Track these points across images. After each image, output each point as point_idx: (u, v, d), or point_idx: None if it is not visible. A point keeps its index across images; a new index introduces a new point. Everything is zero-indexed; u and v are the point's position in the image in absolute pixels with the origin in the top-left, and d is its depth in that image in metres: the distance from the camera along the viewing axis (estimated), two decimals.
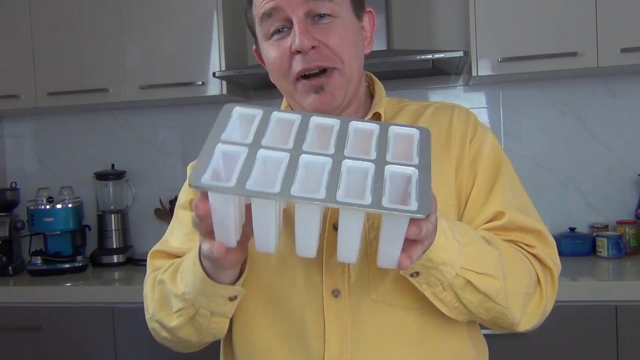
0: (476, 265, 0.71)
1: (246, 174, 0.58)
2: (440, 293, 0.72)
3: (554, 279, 0.83)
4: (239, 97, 2.26)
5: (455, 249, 0.69)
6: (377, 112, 0.88)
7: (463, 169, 0.85)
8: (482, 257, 0.72)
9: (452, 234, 0.69)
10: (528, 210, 0.85)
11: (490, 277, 0.72)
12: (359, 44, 0.85)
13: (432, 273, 0.70)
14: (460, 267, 0.70)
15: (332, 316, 0.79)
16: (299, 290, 0.81)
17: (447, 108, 0.91)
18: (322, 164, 0.60)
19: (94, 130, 2.53)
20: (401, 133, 0.65)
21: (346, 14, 0.82)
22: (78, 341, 1.92)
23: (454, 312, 0.75)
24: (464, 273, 0.71)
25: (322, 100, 0.82)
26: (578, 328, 1.64)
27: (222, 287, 0.73)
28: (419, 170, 0.60)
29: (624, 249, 1.96)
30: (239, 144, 0.62)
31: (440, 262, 0.68)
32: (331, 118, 0.67)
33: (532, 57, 1.89)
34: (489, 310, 0.75)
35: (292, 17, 0.79)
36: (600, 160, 2.17)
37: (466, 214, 0.85)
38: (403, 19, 2.26)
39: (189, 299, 0.75)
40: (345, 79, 0.82)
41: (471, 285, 0.72)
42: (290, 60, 0.81)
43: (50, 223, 2.23)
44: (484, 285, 0.72)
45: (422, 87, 2.28)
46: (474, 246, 0.72)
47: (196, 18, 2.11)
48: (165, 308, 0.81)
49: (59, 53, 2.20)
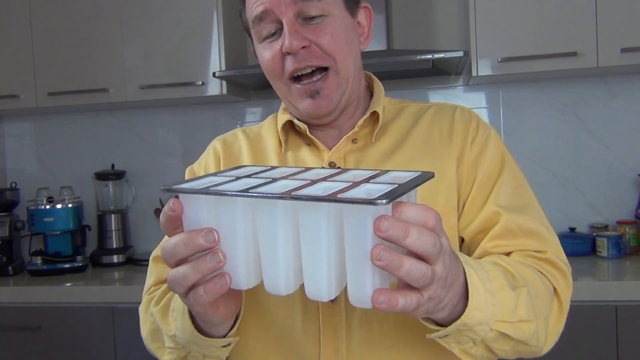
0: (510, 315, 0.64)
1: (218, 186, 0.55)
2: (471, 349, 0.66)
3: (568, 281, 0.80)
4: (239, 97, 2.26)
5: (489, 303, 0.61)
6: (374, 111, 0.86)
7: (463, 169, 0.83)
8: (514, 303, 0.65)
9: (483, 285, 0.61)
10: (527, 209, 0.82)
11: (524, 322, 0.66)
12: (353, 42, 0.84)
13: (464, 334, 0.63)
14: (494, 320, 0.63)
15: (327, 323, 0.78)
16: (294, 297, 0.79)
17: (449, 108, 0.90)
18: (298, 185, 0.54)
19: (94, 130, 2.54)
20: (399, 175, 0.57)
21: (337, 12, 0.81)
22: (78, 341, 1.92)
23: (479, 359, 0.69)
24: (498, 326, 0.63)
25: (317, 105, 0.81)
26: (578, 328, 1.64)
27: (214, 341, 0.70)
28: (399, 186, 0.51)
29: (624, 249, 1.96)
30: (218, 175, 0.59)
31: (475, 324, 0.61)
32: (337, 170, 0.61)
33: (532, 57, 1.89)
34: (519, 352, 0.70)
35: (282, 19, 0.79)
36: (600, 160, 2.17)
37: (464, 215, 0.83)
38: (403, 19, 2.26)
39: (180, 342, 0.73)
40: (341, 77, 0.81)
41: (505, 336, 0.65)
42: (282, 61, 0.81)
43: (50, 223, 2.23)
44: (519, 332, 0.66)
45: (422, 87, 2.28)
46: (505, 292, 0.65)
47: (196, 18, 2.11)
48: (158, 340, 0.79)
49: (59, 53, 2.20)
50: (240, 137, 0.95)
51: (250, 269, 0.56)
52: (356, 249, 0.49)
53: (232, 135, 0.96)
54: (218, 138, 0.97)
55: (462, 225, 0.83)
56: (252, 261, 0.56)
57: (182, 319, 0.70)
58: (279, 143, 0.90)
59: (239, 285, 0.56)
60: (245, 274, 0.56)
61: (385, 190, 0.49)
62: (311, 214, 0.50)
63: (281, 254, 0.53)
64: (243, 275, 0.56)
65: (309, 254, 0.52)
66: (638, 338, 1.63)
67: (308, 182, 0.54)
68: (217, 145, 0.94)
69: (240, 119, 2.42)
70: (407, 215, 0.49)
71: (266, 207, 0.53)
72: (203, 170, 0.94)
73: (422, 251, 0.49)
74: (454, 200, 0.82)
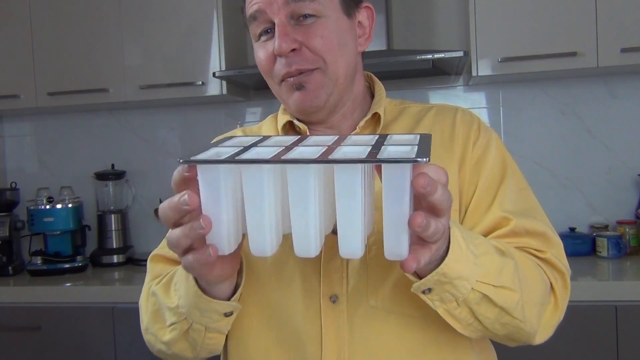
0: (493, 278, 0.67)
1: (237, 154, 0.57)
2: (455, 310, 0.68)
3: (566, 283, 0.80)
4: (238, 97, 2.27)
5: (470, 260, 0.64)
6: (376, 113, 0.86)
7: (465, 172, 0.83)
8: (499, 269, 0.68)
9: (466, 244, 0.64)
10: (533, 213, 0.83)
11: (507, 289, 0.68)
12: (347, 43, 0.83)
13: (446, 289, 0.65)
14: (476, 280, 0.65)
15: (329, 322, 0.77)
16: (295, 296, 0.79)
17: (450, 110, 0.89)
18: (316, 151, 0.57)
19: (94, 130, 2.54)
20: (401, 138, 0.63)
21: (332, 13, 0.81)
22: (78, 341, 1.92)
23: (467, 329, 0.71)
24: (480, 287, 0.66)
25: (303, 98, 0.81)
26: (578, 328, 1.64)
27: (216, 303, 0.71)
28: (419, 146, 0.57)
29: (624, 249, 1.96)
30: (234, 146, 0.61)
31: (455, 277, 0.64)
32: (330, 136, 0.65)
33: (532, 57, 1.89)
34: (505, 325, 0.71)
35: (274, 20, 0.79)
36: (600, 160, 2.17)
37: (468, 219, 0.82)
38: (403, 19, 2.26)
39: (182, 312, 0.73)
40: (328, 78, 0.81)
41: (488, 300, 0.67)
42: (274, 62, 0.82)
43: (50, 223, 2.23)
44: (502, 298, 0.68)
45: (422, 87, 2.28)
46: (490, 257, 0.68)
47: (196, 18, 2.11)
48: (159, 321, 0.79)
49: (59, 53, 2.20)
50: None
51: (231, 234, 0.58)
52: (394, 205, 0.53)
53: (232, 135, 0.96)
54: (217, 138, 0.97)
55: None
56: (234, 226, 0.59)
57: (185, 283, 0.71)
58: None
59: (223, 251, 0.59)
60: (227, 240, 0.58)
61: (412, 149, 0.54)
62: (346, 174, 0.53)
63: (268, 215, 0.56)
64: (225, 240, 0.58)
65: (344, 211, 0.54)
66: (638, 338, 1.63)
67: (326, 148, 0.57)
68: None
69: (240, 119, 2.42)
70: (431, 174, 0.54)
71: (254, 171, 0.55)
72: None
73: (442, 205, 0.54)
74: (456, 203, 0.82)
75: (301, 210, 0.55)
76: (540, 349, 1.60)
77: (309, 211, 0.55)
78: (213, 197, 0.56)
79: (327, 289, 0.78)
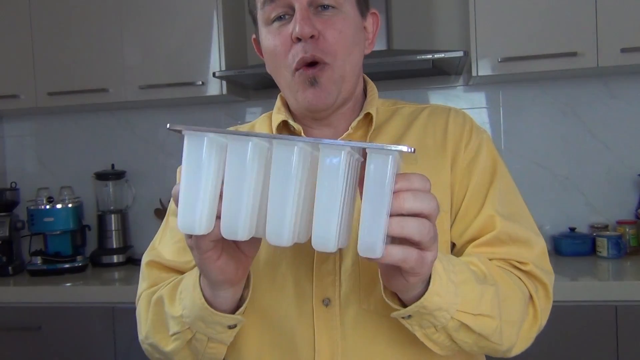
0: (472, 307, 0.67)
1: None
2: (433, 334, 0.69)
3: (548, 294, 0.81)
4: (238, 97, 2.26)
5: (450, 291, 0.65)
6: (368, 113, 0.86)
7: (456, 174, 0.83)
8: (478, 297, 0.68)
9: (446, 275, 0.65)
10: (518, 217, 0.83)
11: (486, 317, 0.69)
12: (359, 43, 0.83)
13: (425, 318, 0.66)
14: (455, 310, 0.66)
15: (322, 326, 0.77)
16: (288, 299, 0.79)
17: (443, 111, 0.89)
18: (306, 139, 0.56)
19: (94, 130, 2.54)
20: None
21: (350, 9, 0.81)
22: (78, 341, 1.92)
23: (444, 350, 0.72)
24: (459, 316, 0.67)
25: (317, 95, 0.79)
26: (578, 328, 1.64)
27: (221, 316, 0.71)
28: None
29: (624, 249, 1.96)
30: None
31: (435, 309, 0.65)
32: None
33: (532, 57, 1.89)
34: (483, 347, 0.72)
35: (295, 4, 0.77)
36: (600, 160, 2.17)
37: (458, 222, 0.82)
38: (403, 19, 2.26)
39: (186, 322, 0.73)
40: (337, 75, 0.80)
41: (466, 327, 0.68)
42: (290, 48, 0.79)
43: (50, 223, 2.23)
44: (480, 326, 0.69)
45: (422, 87, 2.28)
46: (469, 285, 0.68)
47: (196, 18, 2.11)
48: (161, 331, 0.78)
49: (59, 53, 2.20)
50: None
51: (204, 214, 0.56)
52: (375, 195, 0.53)
53: None
54: None
55: (457, 232, 0.83)
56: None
57: (192, 293, 0.71)
58: None
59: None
60: (199, 217, 0.56)
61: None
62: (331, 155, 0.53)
63: (246, 196, 0.55)
64: (197, 217, 0.56)
65: (323, 194, 0.54)
66: (638, 338, 1.62)
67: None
68: None
69: (240, 119, 2.42)
70: (415, 182, 0.55)
71: (239, 145, 0.54)
72: None
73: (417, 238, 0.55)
74: (447, 204, 0.82)
75: (281, 191, 0.54)
76: (540, 349, 1.60)
77: (288, 194, 0.54)
78: (194, 168, 0.55)
79: (320, 292, 0.78)
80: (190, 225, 0.56)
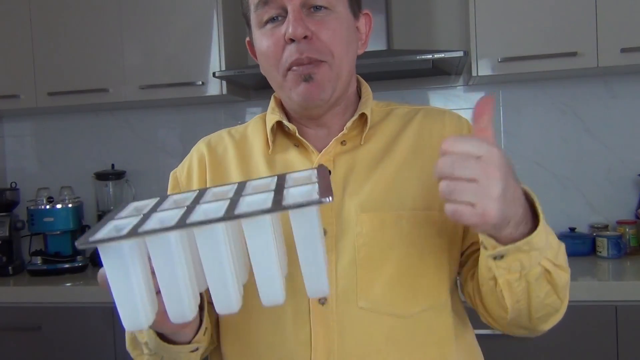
0: (553, 256, 0.69)
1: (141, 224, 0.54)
2: (514, 282, 0.69)
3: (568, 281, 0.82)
4: (238, 97, 2.27)
5: (543, 237, 0.66)
6: (363, 113, 0.86)
7: None
8: (557, 248, 0.70)
9: (544, 219, 0.66)
10: None
11: (561, 269, 0.70)
12: (352, 42, 0.84)
13: (519, 257, 0.66)
14: (544, 256, 0.67)
15: (318, 324, 0.77)
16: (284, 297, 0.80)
17: (438, 114, 0.90)
18: (219, 207, 0.55)
19: (94, 130, 2.54)
20: (299, 176, 0.61)
21: (342, 9, 0.81)
22: (78, 341, 1.92)
23: (513, 306, 0.72)
24: (545, 262, 0.68)
25: (311, 90, 0.79)
26: (578, 328, 1.64)
27: (179, 348, 0.74)
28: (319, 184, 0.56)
29: (624, 249, 1.96)
30: (132, 215, 0.57)
31: (536, 248, 0.65)
32: (229, 185, 0.63)
33: (532, 57, 1.89)
34: (547, 306, 0.73)
35: (288, 6, 0.78)
36: (600, 160, 2.17)
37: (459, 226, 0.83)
38: (403, 19, 2.26)
39: (152, 349, 0.75)
40: (333, 73, 0.80)
41: (546, 276, 0.69)
42: (283, 49, 0.79)
43: (50, 223, 2.23)
44: (557, 276, 0.70)
45: (422, 87, 2.28)
46: (553, 236, 0.70)
47: (196, 18, 2.11)
48: (137, 347, 0.80)
49: (59, 53, 2.20)
50: (226, 138, 0.94)
51: (146, 306, 0.56)
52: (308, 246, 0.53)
53: (218, 136, 0.95)
54: (203, 140, 0.96)
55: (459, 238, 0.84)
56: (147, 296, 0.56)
57: (147, 330, 0.72)
58: (266, 144, 0.88)
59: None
60: (143, 311, 0.55)
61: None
62: (254, 227, 0.52)
63: (183, 282, 0.54)
64: (141, 312, 0.56)
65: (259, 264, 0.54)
66: (638, 338, 1.63)
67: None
68: (202, 147, 0.94)
69: (240, 119, 2.42)
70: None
71: (161, 241, 0.53)
72: (186, 175, 0.94)
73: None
74: None
75: (217, 269, 0.53)
76: (540, 348, 1.60)
77: (224, 268, 0.53)
78: (120, 276, 0.54)
79: None
80: (137, 324, 0.55)
